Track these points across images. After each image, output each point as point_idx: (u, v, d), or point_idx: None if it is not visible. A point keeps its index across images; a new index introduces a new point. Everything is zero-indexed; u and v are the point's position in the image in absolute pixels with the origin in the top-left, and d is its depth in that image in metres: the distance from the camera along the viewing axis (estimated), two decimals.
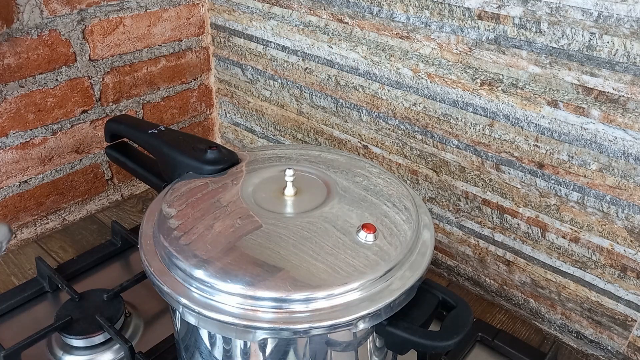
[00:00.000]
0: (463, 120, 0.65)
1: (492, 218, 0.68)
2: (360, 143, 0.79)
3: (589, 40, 0.52)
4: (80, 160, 0.83)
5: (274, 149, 0.59)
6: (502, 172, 0.64)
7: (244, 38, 0.87)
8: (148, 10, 0.84)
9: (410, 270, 0.43)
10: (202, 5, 0.91)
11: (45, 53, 0.74)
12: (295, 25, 0.78)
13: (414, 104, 0.69)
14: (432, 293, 0.45)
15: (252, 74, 0.90)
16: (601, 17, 0.50)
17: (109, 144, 0.66)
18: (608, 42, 0.51)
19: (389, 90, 0.71)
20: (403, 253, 0.43)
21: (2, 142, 0.74)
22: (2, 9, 0.67)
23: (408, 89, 0.69)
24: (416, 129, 0.71)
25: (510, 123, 0.61)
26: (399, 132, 0.73)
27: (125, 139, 0.66)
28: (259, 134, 0.95)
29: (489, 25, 0.58)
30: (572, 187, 0.59)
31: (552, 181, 0.60)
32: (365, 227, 0.44)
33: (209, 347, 0.45)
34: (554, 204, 0.61)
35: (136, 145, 0.64)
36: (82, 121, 0.82)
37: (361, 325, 0.40)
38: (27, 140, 0.77)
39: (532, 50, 0.56)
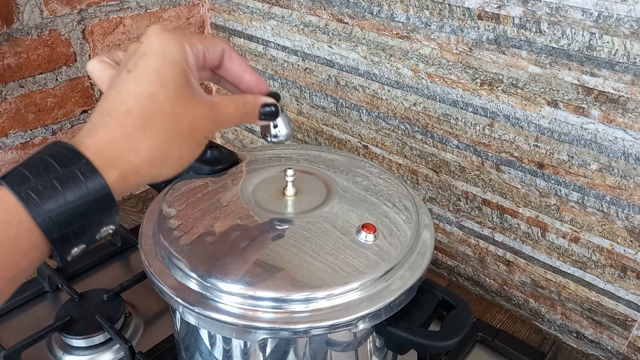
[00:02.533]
0: (463, 120, 0.65)
1: (492, 218, 0.68)
2: (360, 143, 0.79)
3: (589, 40, 0.52)
4: None
5: (274, 149, 0.59)
6: (502, 172, 0.64)
7: (244, 38, 0.87)
8: (148, 10, 0.84)
9: (410, 270, 0.43)
10: (202, 5, 0.91)
11: (45, 53, 0.74)
12: (295, 25, 0.78)
13: (414, 104, 0.69)
14: (432, 293, 0.45)
15: None
16: (601, 17, 0.50)
17: None
18: (608, 42, 0.51)
19: (389, 90, 0.71)
20: (403, 253, 0.43)
21: (2, 142, 0.74)
22: (2, 9, 0.67)
23: (408, 89, 0.69)
24: (416, 129, 0.71)
25: (510, 123, 0.61)
26: (399, 132, 0.73)
27: None
28: (259, 134, 0.95)
29: (489, 25, 0.58)
30: (572, 187, 0.59)
31: (552, 181, 0.60)
32: (365, 227, 0.44)
33: (209, 347, 0.45)
34: (554, 204, 0.61)
35: None
36: (82, 121, 0.82)
37: (361, 325, 0.40)
38: (27, 140, 0.77)
39: (532, 50, 0.56)
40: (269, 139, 0.44)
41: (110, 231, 0.33)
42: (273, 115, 0.41)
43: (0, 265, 0.28)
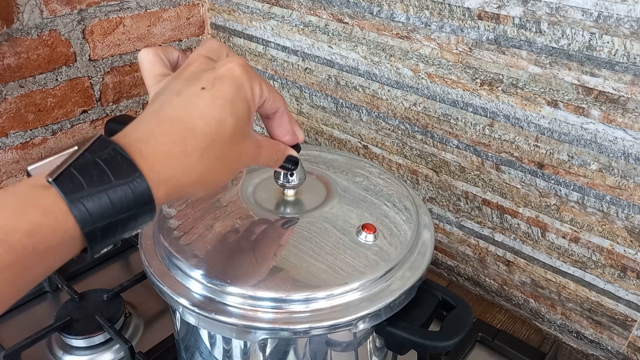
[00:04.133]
0: (463, 120, 0.65)
1: (492, 218, 0.68)
2: (360, 143, 0.79)
3: (589, 40, 0.52)
4: None
5: None
6: (502, 172, 0.64)
7: (244, 38, 0.87)
8: (148, 10, 0.84)
9: (410, 270, 0.43)
10: (202, 5, 0.91)
11: (45, 53, 0.74)
12: (295, 25, 0.78)
13: (414, 104, 0.69)
14: (432, 293, 0.45)
15: None
16: (601, 17, 0.50)
17: None
18: (608, 42, 0.51)
19: (389, 90, 0.71)
20: (403, 253, 0.43)
21: (2, 142, 0.74)
22: (2, 9, 0.67)
23: (408, 89, 0.69)
24: (416, 129, 0.71)
25: (510, 123, 0.61)
26: (399, 132, 0.73)
27: None
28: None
29: (489, 25, 0.58)
30: (572, 187, 0.59)
31: (552, 181, 0.60)
32: (365, 227, 0.44)
33: (209, 347, 0.45)
34: (554, 204, 0.61)
35: None
36: (82, 121, 0.82)
37: (361, 326, 0.40)
38: (27, 140, 0.77)
39: (532, 50, 0.56)
40: (280, 181, 0.47)
41: (137, 231, 0.33)
42: (293, 167, 0.44)
43: (34, 267, 0.28)
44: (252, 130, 0.36)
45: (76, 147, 0.30)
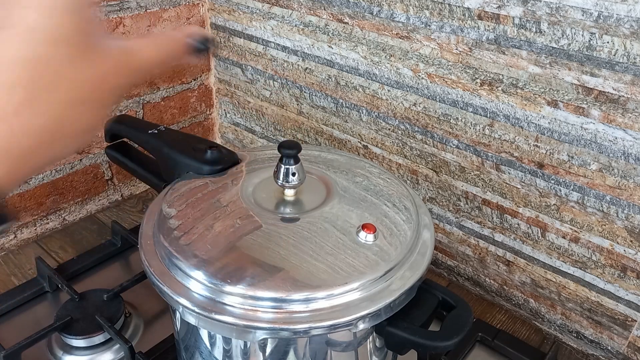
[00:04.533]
0: (463, 120, 0.65)
1: (492, 218, 0.68)
2: (360, 143, 0.79)
3: (589, 40, 0.52)
4: (80, 160, 0.83)
5: (274, 149, 0.59)
6: (502, 172, 0.64)
7: (244, 38, 0.87)
8: (148, 10, 0.84)
9: (410, 270, 0.43)
10: (202, 5, 0.91)
11: None
12: (295, 25, 0.78)
13: (414, 104, 0.69)
14: (432, 293, 0.45)
15: (252, 74, 0.90)
16: (601, 17, 0.50)
17: (109, 144, 0.66)
18: (608, 42, 0.51)
19: (389, 90, 0.71)
20: (403, 253, 0.43)
21: None
22: None
23: (408, 89, 0.69)
24: (416, 129, 0.71)
25: (510, 123, 0.61)
26: (399, 132, 0.73)
27: (125, 139, 0.66)
28: (259, 134, 0.95)
29: (489, 25, 0.58)
30: (572, 187, 0.59)
31: (552, 181, 0.60)
32: (365, 227, 0.44)
33: (209, 347, 0.45)
34: (554, 204, 0.61)
35: (136, 145, 0.64)
36: None
37: (361, 325, 0.40)
38: None
39: (532, 50, 0.56)
40: (280, 181, 0.48)
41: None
42: (203, 48, 0.35)
43: None
44: (100, 42, 0.28)
45: None
